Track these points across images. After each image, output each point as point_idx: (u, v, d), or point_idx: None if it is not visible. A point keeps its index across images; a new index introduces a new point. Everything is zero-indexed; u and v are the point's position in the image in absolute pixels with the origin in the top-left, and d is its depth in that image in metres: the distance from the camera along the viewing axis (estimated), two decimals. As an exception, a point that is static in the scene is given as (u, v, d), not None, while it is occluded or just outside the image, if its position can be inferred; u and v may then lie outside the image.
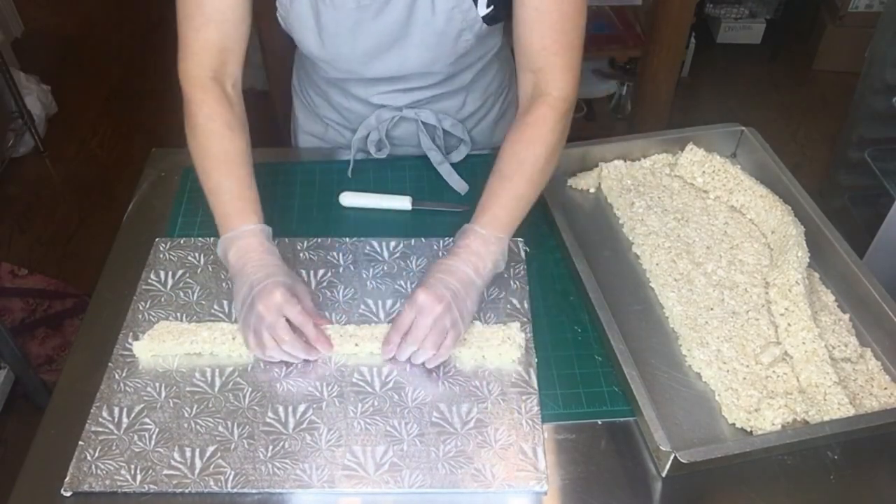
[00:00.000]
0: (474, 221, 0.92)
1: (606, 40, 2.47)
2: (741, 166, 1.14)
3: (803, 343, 0.88)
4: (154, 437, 0.82)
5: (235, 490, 0.78)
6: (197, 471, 0.79)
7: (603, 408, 0.87)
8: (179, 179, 1.16)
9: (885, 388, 0.87)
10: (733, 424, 0.84)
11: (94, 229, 2.39)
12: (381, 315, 0.95)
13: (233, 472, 0.79)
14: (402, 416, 0.84)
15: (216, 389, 0.87)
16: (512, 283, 0.99)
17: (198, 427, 0.83)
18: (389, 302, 0.96)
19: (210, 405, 0.85)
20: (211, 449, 0.81)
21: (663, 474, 0.79)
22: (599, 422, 0.85)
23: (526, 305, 0.96)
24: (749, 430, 0.83)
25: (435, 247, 1.03)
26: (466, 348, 0.89)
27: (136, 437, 0.82)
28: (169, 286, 0.98)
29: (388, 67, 1.03)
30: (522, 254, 1.03)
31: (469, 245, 0.89)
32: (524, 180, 0.92)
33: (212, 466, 0.80)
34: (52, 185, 2.58)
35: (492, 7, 0.96)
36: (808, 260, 0.96)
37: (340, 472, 0.79)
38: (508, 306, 0.96)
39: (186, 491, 0.78)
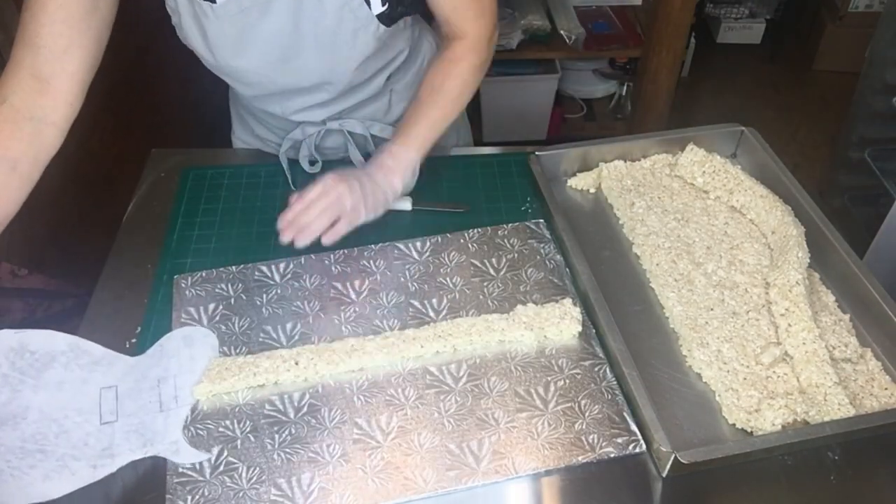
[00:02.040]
0: (392, 140, 1.02)
1: (606, 40, 2.48)
2: (741, 166, 1.14)
3: (804, 343, 0.88)
4: (244, 475, 0.79)
5: None
6: (301, 500, 0.77)
7: (603, 408, 0.87)
8: (179, 179, 1.16)
9: (886, 389, 0.87)
10: (734, 425, 0.84)
11: (94, 229, 2.37)
12: (433, 314, 0.95)
13: (337, 494, 0.78)
14: (489, 406, 0.85)
15: (293, 416, 0.84)
16: (547, 262, 1.00)
17: (286, 455, 0.81)
18: (435, 301, 0.96)
19: (292, 431, 0.83)
20: (307, 475, 0.79)
21: (664, 475, 0.79)
22: (600, 422, 0.85)
23: (567, 281, 0.98)
24: (749, 430, 0.83)
25: (462, 240, 1.04)
26: (528, 330, 0.90)
27: (226, 479, 0.79)
28: (205, 322, 0.93)
29: (289, 79, 1.00)
30: (547, 234, 1.04)
31: (382, 161, 1.00)
32: (438, 107, 1.03)
33: (315, 491, 0.78)
34: (52, 184, 2.57)
35: (387, 6, 0.94)
36: (808, 260, 0.96)
37: (445, 471, 0.79)
38: (551, 286, 0.97)
39: None
